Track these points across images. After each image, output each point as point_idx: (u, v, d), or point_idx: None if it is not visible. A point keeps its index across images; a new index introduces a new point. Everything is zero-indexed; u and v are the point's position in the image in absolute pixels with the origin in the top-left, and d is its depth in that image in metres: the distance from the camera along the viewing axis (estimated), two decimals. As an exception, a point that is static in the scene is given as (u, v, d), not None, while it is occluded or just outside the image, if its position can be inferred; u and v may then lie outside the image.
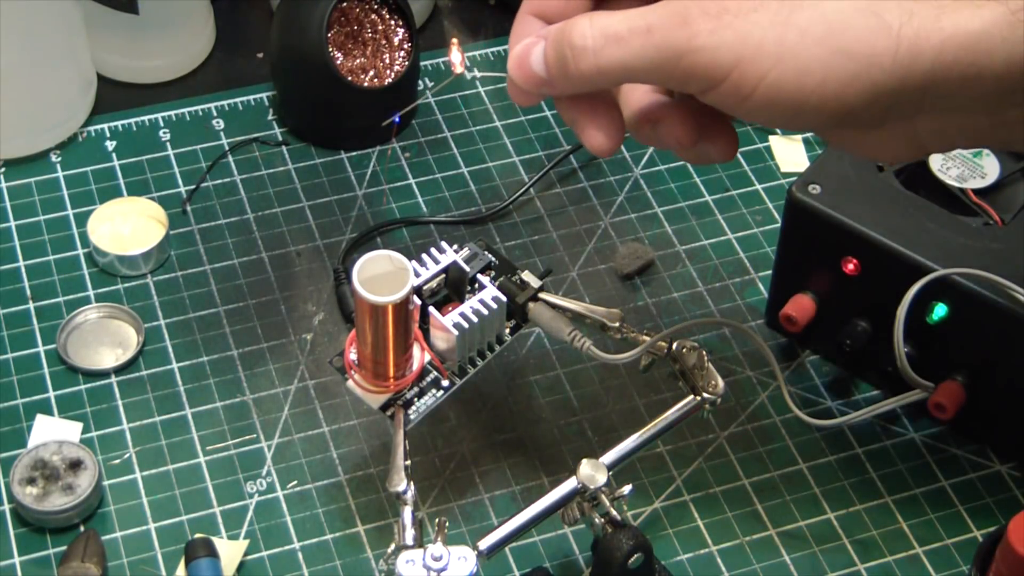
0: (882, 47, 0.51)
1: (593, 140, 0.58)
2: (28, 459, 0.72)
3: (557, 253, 0.84)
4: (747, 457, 0.75)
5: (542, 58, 0.55)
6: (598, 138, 0.58)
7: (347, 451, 0.75)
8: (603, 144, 0.58)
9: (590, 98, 0.58)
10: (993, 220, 0.73)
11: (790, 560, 0.71)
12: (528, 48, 0.56)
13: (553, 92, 0.57)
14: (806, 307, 0.75)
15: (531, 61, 0.56)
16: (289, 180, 0.87)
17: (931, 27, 0.51)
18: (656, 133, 0.58)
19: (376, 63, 0.87)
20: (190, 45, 0.93)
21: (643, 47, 0.53)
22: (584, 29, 0.54)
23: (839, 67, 0.51)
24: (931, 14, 0.51)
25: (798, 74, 0.52)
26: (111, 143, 0.89)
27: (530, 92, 0.57)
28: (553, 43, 0.55)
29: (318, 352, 0.79)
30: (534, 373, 0.78)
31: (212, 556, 0.69)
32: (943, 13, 0.51)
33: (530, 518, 0.66)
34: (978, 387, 0.71)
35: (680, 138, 0.57)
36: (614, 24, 0.53)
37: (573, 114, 0.58)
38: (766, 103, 0.52)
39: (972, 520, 0.73)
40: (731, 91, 0.52)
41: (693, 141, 0.57)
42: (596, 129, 0.58)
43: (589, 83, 0.55)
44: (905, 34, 0.51)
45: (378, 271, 0.64)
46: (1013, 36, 0.50)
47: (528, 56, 0.56)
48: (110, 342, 0.79)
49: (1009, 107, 0.52)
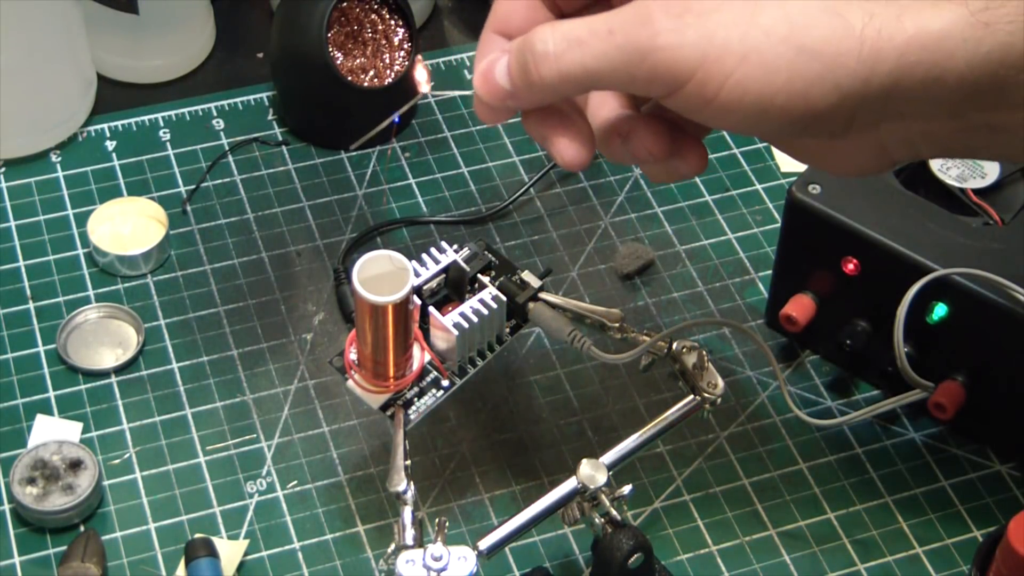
0: (846, 47, 0.51)
1: (565, 152, 0.57)
2: (28, 459, 0.72)
3: (557, 253, 0.84)
4: (747, 457, 0.75)
5: (506, 70, 0.55)
6: (570, 150, 0.57)
7: (347, 451, 0.75)
8: (574, 156, 0.57)
9: (559, 112, 0.57)
10: (993, 220, 0.73)
11: (790, 560, 0.71)
12: (492, 63, 0.56)
13: (519, 104, 0.56)
14: (806, 307, 0.75)
15: (495, 74, 0.55)
16: (289, 180, 0.87)
17: (893, 28, 0.51)
18: (627, 147, 0.57)
19: (376, 63, 0.87)
20: (190, 45, 0.93)
21: (605, 49, 0.52)
22: (545, 35, 0.53)
23: (804, 66, 0.51)
24: (892, 14, 0.51)
25: (764, 72, 0.51)
26: (111, 143, 0.89)
27: (496, 107, 0.56)
28: (515, 52, 0.54)
29: (318, 352, 0.79)
30: (534, 373, 0.78)
31: (212, 556, 0.69)
32: (904, 14, 0.51)
33: (530, 518, 0.66)
34: (978, 387, 0.71)
35: (652, 150, 0.56)
36: (575, 28, 0.53)
37: (542, 130, 0.57)
38: (732, 103, 0.52)
39: (972, 520, 0.73)
40: (696, 91, 0.52)
41: (665, 153, 0.57)
42: (568, 140, 0.57)
43: (553, 90, 0.54)
44: (868, 35, 0.51)
45: (378, 271, 0.64)
46: (973, 37, 0.50)
47: (492, 70, 0.55)
48: (110, 342, 0.79)
49: (971, 111, 0.52)
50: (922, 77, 0.51)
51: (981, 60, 0.50)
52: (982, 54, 0.50)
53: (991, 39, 0.50)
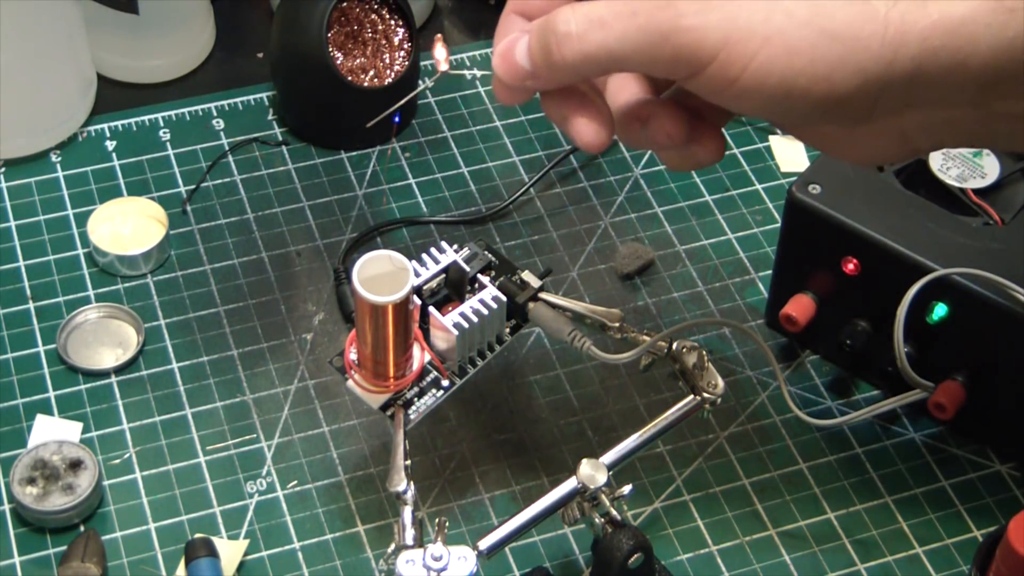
0: (869, 31, 0.51)
1: (585, 134, 0.57)
2: (28, 459, 0.72)
3: (557, 253, 0.84)
4: (747, 457, 0.75)
5: (526, 50, 0.55)
6: (589, 130, 0.57)
7: (347, 451, 0.75)
8: (594, 137, 0.57)
9: (578, 93, 0.57)
10: (993, 220, 0.73)
11: (790, 560, 0.71)
12: (512, 42, 0.56)
13: (538, 85, 0.56)
14: (806, 307, 0.75)
15: (515, 54, 0.55)
16: (289, 180, 0.87)
17: (917, 12, 0.51)
18: (646, 131, 0.57)
19: (376, 63, 0.87)
20: (190, 45, 0.93)
21: (627, 30, 0.52)
22: (567, 16, 0.53)
23: (826, 49, 0.51)
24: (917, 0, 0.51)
25: (787, 54, 0.51)
26: (111, 143, 0.89)
27: (515, 88, 0.56)
28: (537, 32, 0.54)
29: (318, 352, 0.79)
30: (534, 373, 0.78)
31: (212, 556, 0.69)
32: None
33: (530, 518, 0.66)
34: (978, 387, 0.71)
35: (671, 134, 0.56)
36: (598, 9, 0.53)
37: (562, 110, 0.57)
38: (754, 86, 0.52)
39: (972, 520, 0.73)
40: (719, 73, 0.52)
41: (684, 137, 0.57)
42: (587, 121, 0.57)
43: (574, 71, 0.54)
44: (891, 19, 0.51)
45: (378, 271, 0.64)
46: (997, 22, 0.50)
47: (512, 50, 0.55)
48: (110, 342, 0.79)
49: (995, 99, 0.52)
50: (945, 62, 0.51)
51: (1006, 46, 0.50)
52: (1007, 40, 0.50)
53: (1016, 25, 0.50)
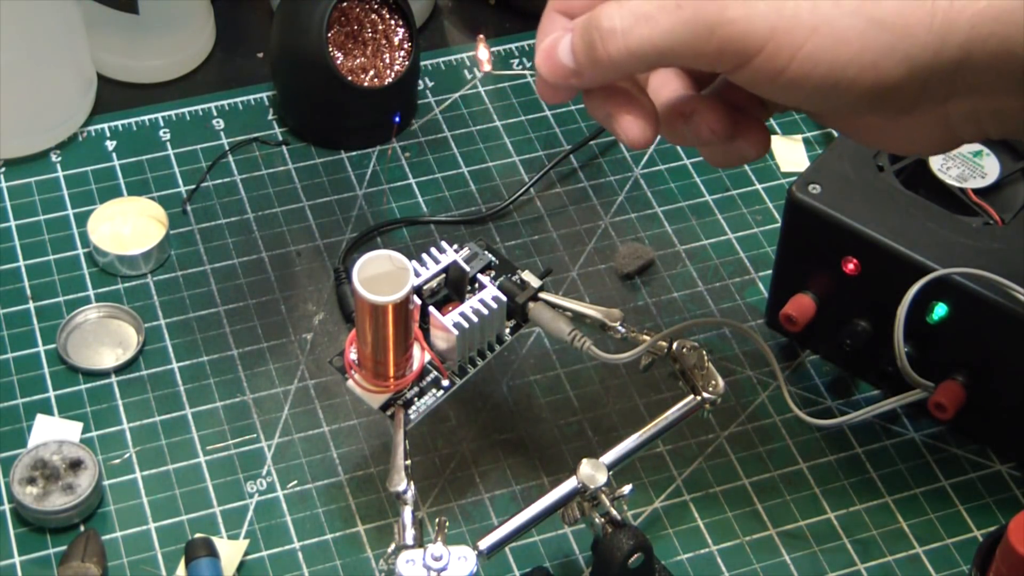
0: (917, 18, 0.50)
1: (630, 130, 0.56)
2: (28, 459, 0.72)
3: (557, 253, 0.84)
4: (747, 457, 0.75)
5: (569, 49, 0.54)
6: (635, 127, 0.56)
7: (347, 451, 0.75)
8: (640, 134, 0.56)
9: (622, 90, 0.57)
10: (993, 220, 0.73)
11: (790, 560, 0.71)
12: (555, 41, 0.55)
13: (582, 83, 0.56)
14: (806, 307, 0.75)
15: (559, 53, 0.55)
16: (289, 180, 0.87)
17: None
18: (690, 127, 0.56)
19: (376, 63, 0.87)
20: (190, 45, 0.93)
21: (673, 24, 0.52)
22: (611, 11, 0.53)
23: (874, 37, 0.50)
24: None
25: (834, 43, 0.50)
26: (111, 143, 0.89)
27: (559, 86, 0.56)
28: (581, 30, 0.54)
29: (318, 352, 0.79)
30: (534, 373, 0.78)
31: (212, 556, 0.69)
32: None
33: (530, 518, 0.66)
34: (978, 387, 0.71)
35: (715, 128, 0.56)
36: (642, 4, 0.52)
37: (607, 107, 0.57)
38: (802, 76, 0.51)
39: (972, 520, 0.73)
40: (766, 64, 0.51)
41: (727, 132, 0.56)
42: (633, 118, 0.56)
43: (619, 68, 0.54)
44: (939, 6, 0.50)
45: (378, 271, 0.64)
46: None
47: (555, 48, 0.55)
48: (110, 342, 0.79)
49: None
50: (994, 50, 0.50)
51: None
52: None
53: None
